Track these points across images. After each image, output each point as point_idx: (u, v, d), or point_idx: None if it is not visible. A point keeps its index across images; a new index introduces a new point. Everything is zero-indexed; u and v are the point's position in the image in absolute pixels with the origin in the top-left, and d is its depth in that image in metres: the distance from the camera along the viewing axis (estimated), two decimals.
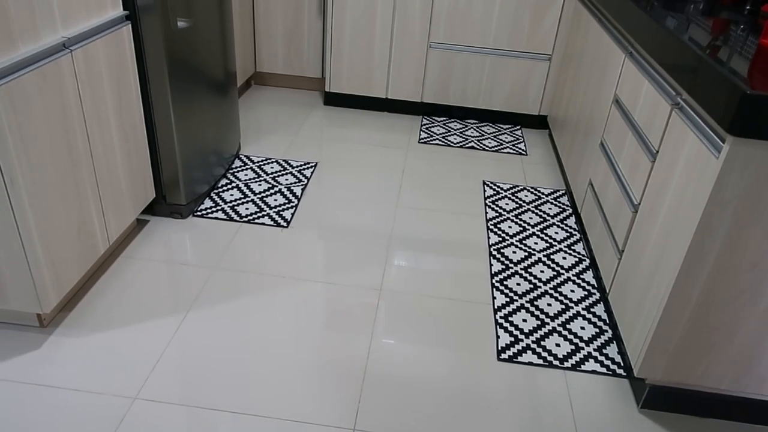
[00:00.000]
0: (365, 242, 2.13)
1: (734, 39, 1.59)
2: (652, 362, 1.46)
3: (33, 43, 1.39)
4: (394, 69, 3.08)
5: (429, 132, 3.03)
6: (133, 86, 1.85)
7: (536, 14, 2.87)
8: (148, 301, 1.77)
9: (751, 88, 1.14)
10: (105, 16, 1.67)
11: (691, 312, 1.38)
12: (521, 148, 2.95)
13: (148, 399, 1.46)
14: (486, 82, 3.06)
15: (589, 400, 1.57)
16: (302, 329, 1.72)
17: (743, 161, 1.18)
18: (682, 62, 1.45)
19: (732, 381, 1.46)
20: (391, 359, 1.64)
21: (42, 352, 1.57)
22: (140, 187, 1.97)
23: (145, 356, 1.58)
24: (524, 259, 2.10)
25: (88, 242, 1.69)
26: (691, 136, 1.36)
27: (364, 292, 1.89)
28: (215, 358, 1.59)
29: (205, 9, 2.08)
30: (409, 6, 2.91)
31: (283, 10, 3.15)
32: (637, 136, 1.70)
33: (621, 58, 1.94)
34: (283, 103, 3.26)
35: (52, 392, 1.46)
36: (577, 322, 1.82)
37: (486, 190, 2.53)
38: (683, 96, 1.47)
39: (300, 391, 1.52)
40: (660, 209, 1.48)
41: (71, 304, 1.74)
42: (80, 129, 1.59)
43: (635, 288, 1.57)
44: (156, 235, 2.07)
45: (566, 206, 2.46)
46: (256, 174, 2.50)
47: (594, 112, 2.17)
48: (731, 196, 1.22)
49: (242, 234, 2.11)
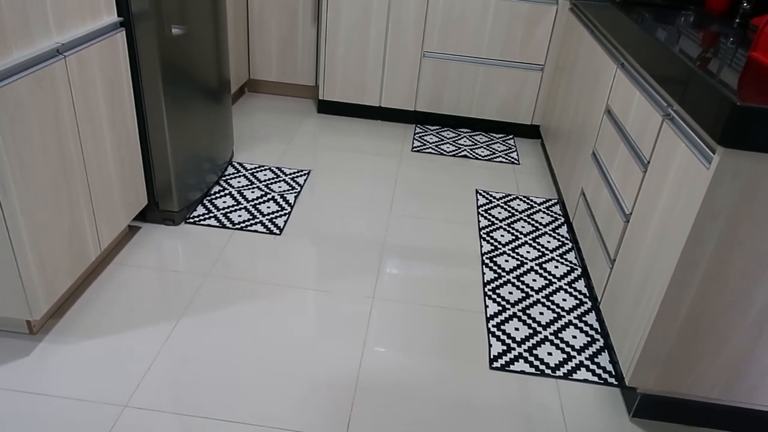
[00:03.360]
0: (358, 250, 2.13)
1: (724, 51, 1.61)
2: (643, 371, 1.47)
3: (27, 48, 1.39)
4: (388, 77, 3.09)
5: (422, 140, 3.04)
6: (127, 93, 1.84)
7: (529, 25, 2.89)
8: (139, 308, 1.76)
9: (741, 99, 1.15)
10: (99, 22, 1.67)
11: (682, 321, 1.38)
12: (514, 157, 2.96)
13: (139, 407, 1.45)
14: (479, 92, 3.08)
15: (580, 409, 1.57)
16: (294, 337, 1.71)
17: (733, 172, 1.20)
18: (673, 74, 1.47)
19: (723, 390, 1.47)
20: (383, 368, 1.64)
21: (31, 360, 1.55)
22: (132, 194, 1.96)
23: (136, 364, 1.57)
24: (516, 268, 2.10)
25: (80, 249, 1.68)
26: (682, 147, 1.37)
27: (357, 300, 1.89)
28: (207, 366, 1.59)
29: (200, 16, 2.09)
30: (403, 15, 2.93)
31: (278, 17, 3.16)
32: (629, 147, 1.71)
33: (613, 69, 1.96)
34: (276, 110, 3.26)
35: (42, 400, 1.45)
36: (569, 331, 1.83)
37: (479, 199, 2.54)
38: (674, 107, 1.48)
39: (292, 399, 1.51)
40: (651, 219, 1.49)
41: (61, 310, 1.73)
42: (73, 135, 1.59)
43: (627, 297, 1.58)
44: (148, 241, 2.06)
45: (558, 215, 2.47)
46: (249, 181, 2.50)
47: (586, 122, 2.19)
48: (722, 206, 1.23)
49: (235, 241, 2.11)
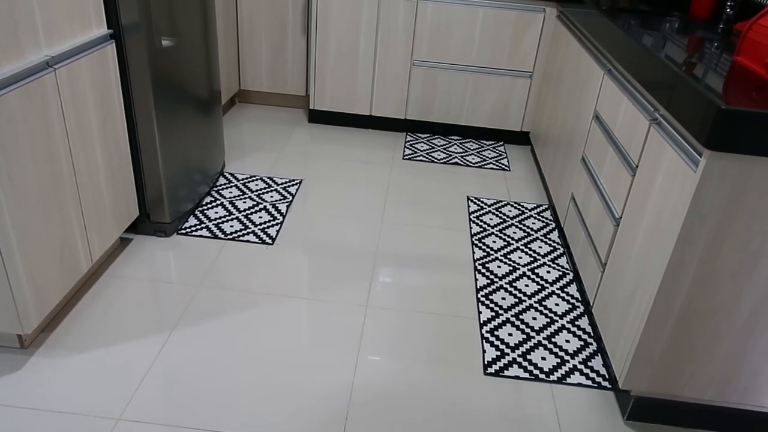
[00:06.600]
0: (351, 259, 2.13)
1: (709, 56, 1.64)
2: (636, 374, 1.48)
3: (17, 61, 1.39)
4: (378, 86, 3.10)
5: (413, 148, 3.06)
6: (117, 105, 1.84)
7: (517, 32, 2.92)
8: (131, 320, 1.75)
9: (726, 103, 1.17)
10: (89, 35, 1.67)
11: (674, 323, 1.39)
12: (504, 163, 2.98)
13: (132, 420, 1.44)
14: (469, 99, 3.10)
15: (575, 413, 1.58)
16: (288, 347, 1.71)
17: (720, 174, 1.21)
18: (660, 79, 1.49)
19: (715, 391, 1.48)
20: (377, 376, 1.64)
21: (22, 374, 1.54)
22: (124, 206, 1.95)
23: (128, 376, 1.56)
24: (509, 274, 2.11)
25: (71, 261, 1.67)
26: (670, 151, 1.39)
27: (350, 308, 1.88)
28: (200, 378, 1.58)
29: (190, 28, 2.10)
30: (392, 24, 2.95)
31: (268, 28, 3.17)
32: (618, 151, 1.73)
33: (600, 76, 1.98)
34: (267, 120, 3.26)
35: (33, 415, 1.43)
36: (562, 336, 1.84)
37: (470, 206, 2.55)
38: (661, 111, 1.50)
39: (286, 409, 1.51)
40: (641, 222, 1.50)
41: (53, 324, 1.71)
42: (64, 147, 1.58)
43: (618, 300, 1.59)
44: (139, 253, 2.06)
45: (549, 221, 2.49)
46: (241, 191, 2.50)
47: (575, 128, 2.21)
48: (710, 208, 1.25)
49: (227, 252, 2.10)
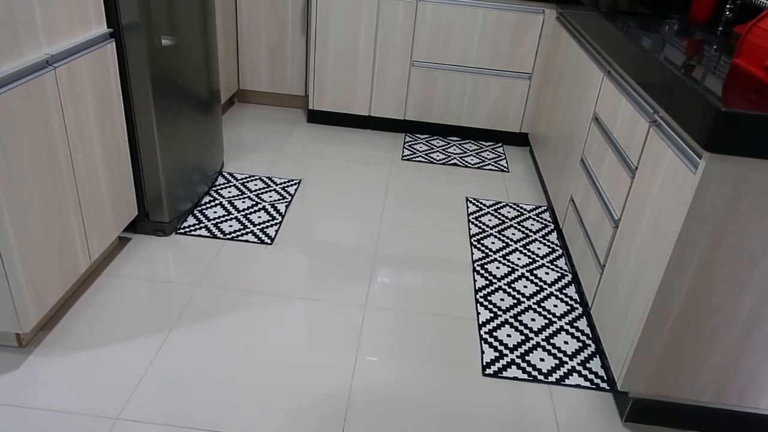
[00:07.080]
0: (349, 259, 2.13)
1: (708, 59, 1.64)
2: (634, 375, 1.48)
3: (16, 59, 1.39)
4: (377, 87, 3.10)
5: (412, 149, 3.06)
6: (117, 104, 1.84)
7: (516, 34, 2.92)
8: (130, 319, 1.75)
9: (725, 105, 1.17)
10: (89, 34, 1.67)
11: (672, 325, 1.40)
12: (503, 164, 2.98)
13: (131, 419, 1.44)
14: (468, 100, 3.10)
15: (573, 415, 1.58)
16: (286, 347, 1.71)
17: (720, 176, 1.22)
18: (659, 81, 1.49)
19: (713, 393, 1.48)
20: (375, 377, 1.64)
21: (21, 373, 1.54)
22: (123, 205, 1.95)
23: (127, 376, 1.56)
24: (507, 275, 2.11)
25: (70, 260, 1.67)
26: (669, 153, 1.39)
27: (349, 309, 1.88)
28: (198, 378, 1.58)
29: (189, 27, 2.09)
30: (392, 25, 2.95)
31: (267, 28, 3.17)
32: (617, 153, 1.73)
33: (599, 77, 1.98)
34: (266, 120, 3.26)
35: (32, 414, 1.43)
36: (561, 337, 1.84)
37: (469, 207, 2.55)
38: (660, 113, 1.50)
39: (284, 410, 1.51)
40: (640, 224, 1.51)
41: (51, 323, 1.71)
42: (63, 146, 1.58)
43: (617, 302, 1.59)
44: (138, 253, 2.05)
45: (548, 222, 2.49)
46: (240, 191, 2.50)
47: (574, 130, 2.21)
48: (709, 210, 1.25)
49: (226, 251, 2.10)
